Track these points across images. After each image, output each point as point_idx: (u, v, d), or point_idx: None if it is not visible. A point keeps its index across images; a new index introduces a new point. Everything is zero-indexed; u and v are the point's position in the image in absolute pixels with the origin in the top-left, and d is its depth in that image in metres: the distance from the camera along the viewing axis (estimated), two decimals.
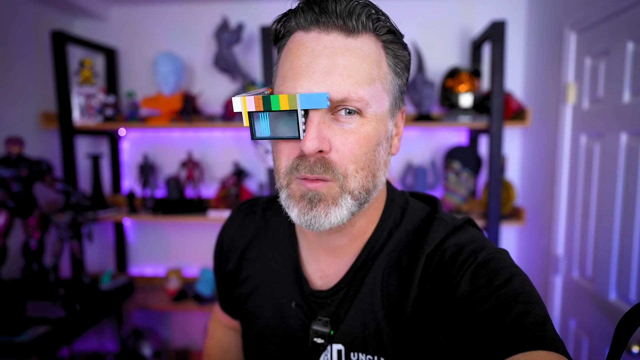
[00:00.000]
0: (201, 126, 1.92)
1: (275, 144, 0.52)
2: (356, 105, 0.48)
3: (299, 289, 0.62)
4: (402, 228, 0.59)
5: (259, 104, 0.48)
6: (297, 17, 0.49)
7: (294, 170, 0.49)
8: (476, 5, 2.00)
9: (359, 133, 0.49)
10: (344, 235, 0.57)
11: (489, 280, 0.46)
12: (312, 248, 0.62)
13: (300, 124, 0.47)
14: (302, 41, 0.49)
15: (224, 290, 0.74)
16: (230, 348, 0.81)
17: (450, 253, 0.52)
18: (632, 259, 1.22)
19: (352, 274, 0.59)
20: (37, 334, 1.34)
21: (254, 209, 0.73)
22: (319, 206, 0.49)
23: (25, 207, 1.64)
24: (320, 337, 0.57)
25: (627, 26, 1.26)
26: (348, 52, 0.47)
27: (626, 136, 1.26)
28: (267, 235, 0.69)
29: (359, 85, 0.47)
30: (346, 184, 0.49)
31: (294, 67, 0.48)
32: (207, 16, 2.09)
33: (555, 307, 1.67)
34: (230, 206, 1.97)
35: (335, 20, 0.47)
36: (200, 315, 2.28)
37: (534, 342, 0.40)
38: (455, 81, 1.82)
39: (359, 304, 0.56)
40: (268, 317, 0.63)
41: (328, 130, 0.48)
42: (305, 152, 0.46)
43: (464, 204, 1.90)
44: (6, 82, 1.81)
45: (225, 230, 0.74)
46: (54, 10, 2.04)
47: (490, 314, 0.43)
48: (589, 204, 1.46)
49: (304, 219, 0.50)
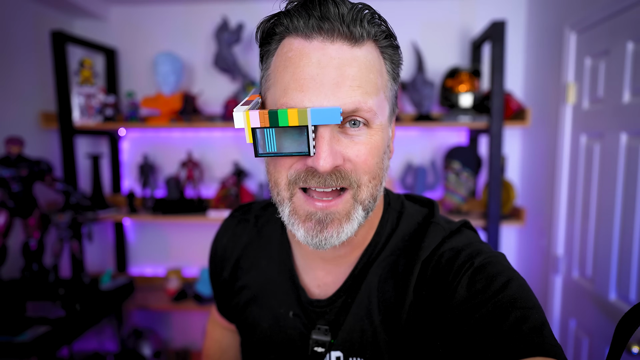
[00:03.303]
0: (201, 126, 1.92)
1: (272, 157, 0.49)
2: (365, 116, 0.46)
3: (296, 298, 0.61)
4: (398, 233, 0.58)
5: (265, 120, 0.44)
6: (293, 21, 0.46)
7: (298, 181, 0.47)
8: (476, 5, 2.00)
9: (370, 144, 0.48)
10: (345, 246, 0.55)
11: (485, 286, 0.46)
12: (309, 257, 0.60)
13: (310, 140, 0.44)
14: (304, 50, 0.46)
15: (221, 298, 0.73)
16: (228, 348, 0.81)
17: (447, 258, 0.51)
18: (632, 259, 1.22)
19: (350, 281, 0.58)
20: (37, 334, 1.34)
21: (247, 217, 0.72)
22: (330, 227, 0.47)
23: (25, 207, 1.64)
24: (321, 346, 0.56)
25: (627, 26, 1.26)
26: (355, 62, 0.46)
27: (626, 136, 1.26)
28: (260, 243, 0.67)
29: (368, 96, 0.46)
30: (359, 193, 0.48)
31: (297, 79, 0.45)
32: (207, 16, 2.09)
33: (555, 307, 1.67)
34: (230, 206, 1.97)
35: (340, 27, 0.45)
36: (200, 315, 2.28)
37: (532, 348, 0.40)
38: (455, 81, 1.82)
39: (356, 310, 0.56)
40: (266, 327, 0.63)
41: (338, 144, 0.46)
42: (321, 171, 0.45)
43: (463, 204, 1.90)
44: (6, 82, 1.81)
45: (219, 239, 0.73)
46: (54, 10, 2.04)
47: (488, 320, 0.43)
48: (589, 204, 1.46)
49: (312, 241, 0.48)
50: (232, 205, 1.98)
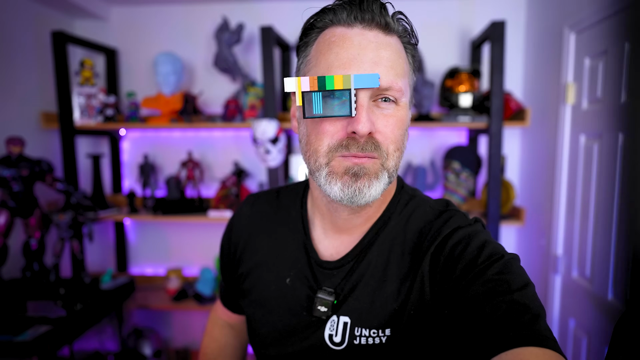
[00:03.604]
0: (201, 126, 1.92)
1: (314, 126, 0.55)
2: (396, 95, 0.53)
3: (307, 260, 0.64)
4: (410, 210, 0.63)
5: (314, 84, 0.51)
6: (337, 14, 0.53)
7: (339, 149, 0.53)
8: (476, 5, 2.00)
9: (397, 117, 0.54)
10: (362, 215, 0.61)
11: (502, 281, 0.48)
12: (327, 228, 0.65)
13: (352, 103, 0.50)
14: (346, 35, 0.52)
15: (229, 272, 0.75)
16: (226, 347, 0.82)
17: (459, 238, 0.55)
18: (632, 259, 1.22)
19: (359, 249, 0.62)
20: (37, 333, 1.34)
21: (269, 192, 0.77)
22: (362, 179, 0.53)
23: (26, 207, 1.65)
24: (324, 306, 0.59)
25: (625, 27, 1.26)
26: (389, 47, 0.53)
27: (625, 136, 1.27)
28: (278, 213, 0.72)
29: (399, 77, 0.53)
30: (387, 162, 0.54)
31: (341, 58, 0.52)
32: (207, 16, 2.09)
33: (555, 306, 1.67)
34: (230, 206, 1.98)
35: (378, 18, 0.52)
36: (200, 315, 2.29)
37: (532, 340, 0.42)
38: (454, 81, 1.82)
39: (368, 280, 0.59)
40: (273, 289, 0.65)
41: (372, 114, 0.52)
42: (360, 133, 0.50)
43: (463, 203, 1.90)
44: (7, 82, 1.82)
45: (239, 210, 0.77)
46: (54, 10, 2.05)
47: (503, 315, 0.45)
48: (588, 204, 1.46)
49: (347, 192, 0.53)
50: (233, 205, 1.98)
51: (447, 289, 0.52)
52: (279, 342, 0.64)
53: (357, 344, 0.57)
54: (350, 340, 0.57)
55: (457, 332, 0.48)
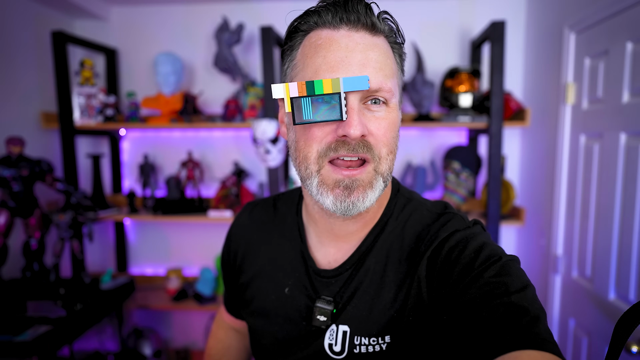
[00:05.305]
0: (201, 126, 1.92)
1: (303, 132, 0.53)
2: (385, 95, 0.52)
3: (305, 269, 0.64)
4: (407, 214, 0.62)
5: (302, 89, 0.51)
6: (322, 16, 0.52)
7: (328, 152, 0.52)
8: (476, 5, 2.00)
9: (388, 119, 0.53)
10: (358, 222, 0.60)
11: (500, 283, 0.47)
12: (322, 235, 0.64)
13: (342, 107, 0.49)
14: (333, 37, 0.51)
15: (230, 280, 0.75)
16: (230, 348, 0.83)
17: (456, 241, 0.54)
18: (632, 259, 1.23)
19: (357, 256, 0.61)
20: (37, 333, 1.34)
21: (266, 200, 0.77)
22: (356, 192, 0.52)
23: (26, 207, 1.65)
24: (324, 315, 0.59)
25: (625, 26, 1.26)
26: (376, 48, 0.52)
27: (625, 136, 1.27)
28: (275, 221, 0.71)
29: (388, 78, 0.52)
30: (380, 166, 0.53)
31: (328, 61, 0.51)
32: (207, 16, 2.09)
33: (555, 306, 1.67)
34: (230, 206, 1.98)
35: (364, 19, 0.51)
36: (200, 315, 2.29)
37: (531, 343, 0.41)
38: (454, 81, 1.82)
39: (366, 288, 0.58)
40: (273, 298, 0.65)
41: (363, 117, 0.52)
42: (352, 137, 0.49)
43: (463, 203, 1.90)
44: (7, 82, 1.82)
45: (237, 219, 0.77)
46: (54, 10, 2.05)
47: (501, 318, 0.44)
48: (589, 204, 1.46)
49: (341, 206, 0.52)
50: (232, 205, 1.98)
51: (445, 293, 0.51)
52: (280, 352, 0.63)
53: (358, 352, 0.56)
54: (350, 350, 0.57)
55: (455, 336, 0.47)
